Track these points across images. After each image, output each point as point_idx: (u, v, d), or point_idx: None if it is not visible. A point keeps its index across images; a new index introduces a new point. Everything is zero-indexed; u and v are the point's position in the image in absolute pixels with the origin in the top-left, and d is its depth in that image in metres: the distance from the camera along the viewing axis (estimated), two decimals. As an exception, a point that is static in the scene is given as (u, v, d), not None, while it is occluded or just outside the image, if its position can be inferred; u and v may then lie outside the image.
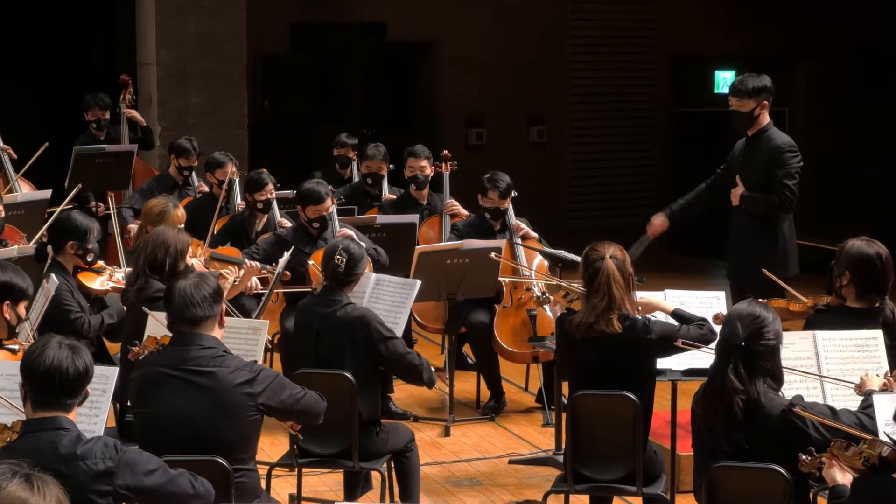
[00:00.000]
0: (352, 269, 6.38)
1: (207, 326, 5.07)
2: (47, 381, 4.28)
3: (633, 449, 5.80)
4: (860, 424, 4.79)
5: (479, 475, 7.52)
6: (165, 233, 6.66)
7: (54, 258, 6.98)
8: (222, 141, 11.69)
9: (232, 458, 4.96)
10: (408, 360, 6.38)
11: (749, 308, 4.96)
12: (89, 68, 13.70)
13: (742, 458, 4.86)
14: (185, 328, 5.07)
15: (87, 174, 10.29)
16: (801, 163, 7.71)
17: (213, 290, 5.09)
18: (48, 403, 4.30)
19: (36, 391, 4.31)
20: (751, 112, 7.67)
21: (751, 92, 7.65)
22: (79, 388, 4.33)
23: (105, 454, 4.26)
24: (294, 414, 5.30)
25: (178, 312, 5.06)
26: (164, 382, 5.03)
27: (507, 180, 8.62)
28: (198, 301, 5.04)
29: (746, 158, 7.78)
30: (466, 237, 8.49)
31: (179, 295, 5.05)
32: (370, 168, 9.84)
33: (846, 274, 5.91)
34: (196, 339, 5.04)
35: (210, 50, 12.22)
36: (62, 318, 6.66)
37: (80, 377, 4.31)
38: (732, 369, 4.86)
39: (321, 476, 7.20)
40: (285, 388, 5.15)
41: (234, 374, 5.00)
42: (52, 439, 4.24)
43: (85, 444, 4.26)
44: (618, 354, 5.77)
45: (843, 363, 5.59)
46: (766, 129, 7.73)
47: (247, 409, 5.00)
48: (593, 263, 5.82)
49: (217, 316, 5.10)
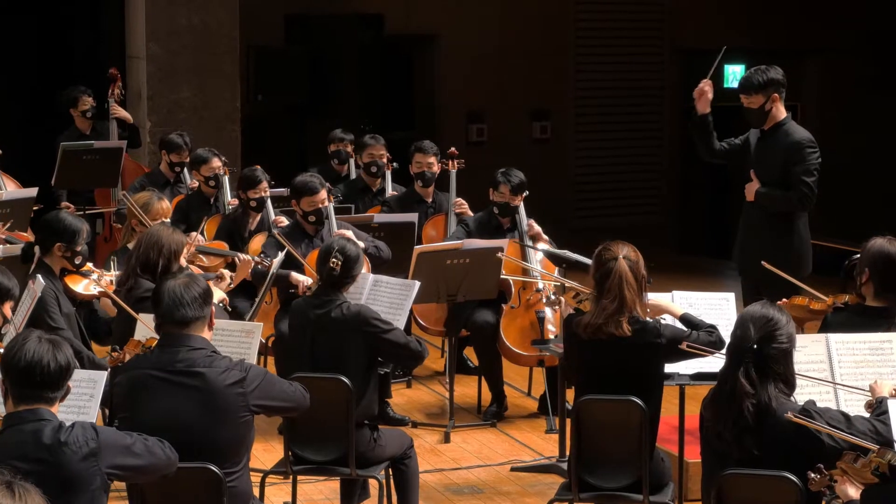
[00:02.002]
0: (348, 270, 6.40)
1: (197, 328, 5.08)
2: (27, 375, 4.37)
3: (640, 456, 5.81)
4: (875, 432, 4.78)
5: (480, 483, 7.53)
6: (159, 232, 6.64)
7: (41, 259, 6.97)
8: (214, 136, 11.70)
9: (224, 461, 4.99)
10: (410, 349, 6.45)
11: (762, 310, 4.96)
12: (74, 62, 13.67)
13: (752, 465, 4.86)
14: (173, 329, 5.08)
15: (74, 171, 10.29)
16: (820, 158, 7.70)
17: (202, 291, 5.11)
18: (29, 397, 4.39)
19: (16, 385, 4.40)
20: (762, 107, 7.67)
21: (757, 87, 7.65)
22: (60, 382, 4.42)
23: (86, 436, 4.39)
24: (285, 410, 5.38)
25: (166, 313, 5.08)
26: (152, 385, 5.04)
27: (520, 177, 8.66)
28: (187, 301, 5.05)
29: (762, 153, 7.74)
30: (475, 232, 8.54)
31: (168, 295, 5.07)
32: (372, 156, 9.83)
33: (865, 271, 5.94)
34: (185, 340, 5.06)
35: (202, 42, 12.23)
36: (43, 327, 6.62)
37: (60, 371, 4.40)
38: (743, 373, 4.86)
39: (316, 484, 7.21)
40: (275, 385, 5.22)
41: (224, 375, 5.02)
42: (35, 429, 4.34)
43: (66, 431, 4.37)
44: (626, 358, 5.78)
45: (856, 367, 5.60)
46: (782, 123, 7.71)
47: (239, 409, 5.02)
48: (606, 263, 5.83)
49: (207, 317, 5.12)
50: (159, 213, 7.47)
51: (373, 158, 9.82)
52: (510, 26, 15.00)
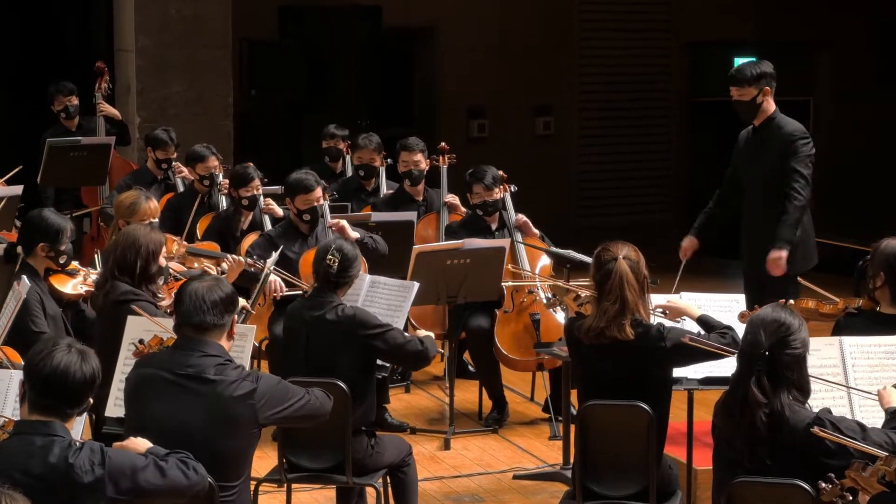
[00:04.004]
0: (345, 270, 6.38)
1: (215, 335, 5.05)
2: (50, 384, 4.33)
3: (647, 463, 5.80)
4: (892, 444, 4.76)
5: (481, 491, 7.52)
6: (136, 232, 6.58)
7: (24, 260, 6.95)
8: (206, 132, 11.68)
9: (225, 473, 4.95)
10: (410, 349, 6.42)
11: (774, 314, 4.93)
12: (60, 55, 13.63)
13: (765, 475, 4.85)
14: (190, 333, 5.06)
15: (60, 169, 10.28)
16: (814, 149, 7.81)
17: (226, 297, 5.06)
18: (46, 408, 4.35)
19: (36, 393, 4.35)
20: (753, 100, 7.83)
21: (750, 79, 7.80)
22: (82, 397, 4.39)
23: (93, 461, 4.32)
24: (297, 420, 5.31)
25: (185, 315, 5.05)
26: (158, 385, 5.02)
27: (492, 171, 8.66)
28: (208, 307, 5.01)
29: (755, 150, 7.91)
30: (462, 237, 8.48)
31: (190, 298, 5.03)
32: (362, 159, 9.85)
33: (880, 275, 5.90)
34: (200, 345, 5.03)
35: (193, 35, 12.21)
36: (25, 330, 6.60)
37: (85, 384, 4.36)
38: (755, 380, 4.84)
39: (312, 492, 7.21)
40: (286, 398, 5.14)
41: (234, 386, 4.97)
42: (44, 444, 4.29)
43: (74, 452, 4.30)
44: (630, 362, 5.76)
45: (871, 371, 5.58)
46: (773, 116, 7.86)
47: (248, 423, 4.99)
48: (605, 264, 5.82)
49: (227, 326, 5.08)
50: (147, 214, 7.45)
51: (362, 162, 9.83)
52: (512, 19, 15.00)
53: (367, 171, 9.84)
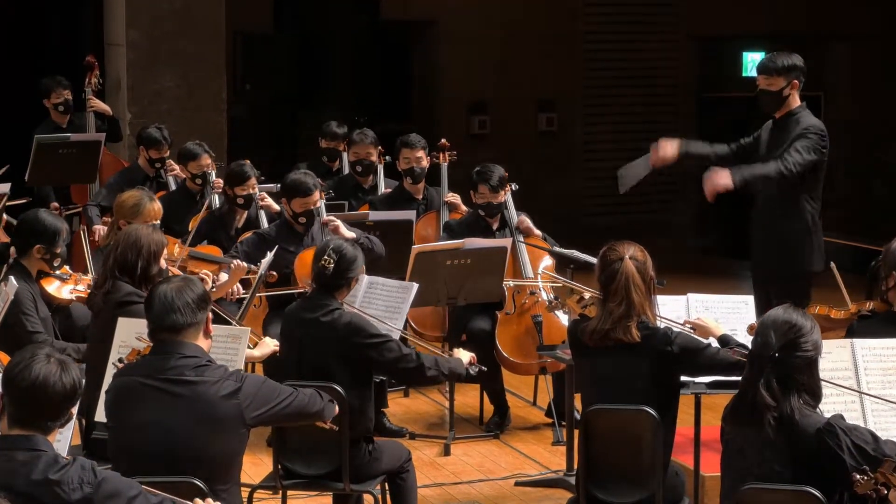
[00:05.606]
0: (341, 272, 6.36)
1: (190, 335, 5.07)
2: (30, 397, 4.30)
3: (653, 470, 5.80)
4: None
5: (481, 498, 7.53)
6: (138, 232, 6.61)
7: (16, 260, 6.96)
8: (199, 128, 11.69)
9: (214, 477, 4.95)
10: (405, 364, 6.35)
11: (785, 315, 4.93)
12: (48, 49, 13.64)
13: (774, 481, 4.85)
14: (165, 336, 5.07)
15: (49, 166, 10.28)
16: (827, 149, 7.67)
17: (197, 296, 5.09)
18: (26, 421, 4.32)
19: (16, 406, 4.33)
20: (780, 91, 7.70)
21: (780, 69, 7.70)
22: (63, 409, 4.36)
23: (83, 479, 4.28)
24: (287, 419, 5.33)
25: (157, 319, 5.07)
26: (140, 393, 5.02)
27: (499, 172, 8.62)
28: (179, 307, 5.04)
29: (773, 142, 7.81)
30: (460, 237, 8.47)
31: (159, 300, 5.06)
32: (357, 155, 9.83)
33: (892, 275, 5.90)
34: (177, 347, 5.04)
35: (185, 28, 12.22)
36: (20, 330, 6.63)
37: (66, 397, 4.34)
38: (765, 383, 4.84)
39: (307, 499, 7.21)
40: (273, 396, 5.16)
41: (218, 386, 4.99)
42: (26, 460, 4.26)
43: (60, 468, 4.27)
44: (636, 366, 5.76)
45: (884, 374, 5.58)
46: (795, 111, 7.76)
47: (235, 424, 5.00)
48: (611, 265, 5.81)
49: (201, 324, 5.10)
50: (151, 215, 7.46)
51: (358, 157, 9.81)
52: (514, 11, 14.99)
53: (364, 166, 9.82)
